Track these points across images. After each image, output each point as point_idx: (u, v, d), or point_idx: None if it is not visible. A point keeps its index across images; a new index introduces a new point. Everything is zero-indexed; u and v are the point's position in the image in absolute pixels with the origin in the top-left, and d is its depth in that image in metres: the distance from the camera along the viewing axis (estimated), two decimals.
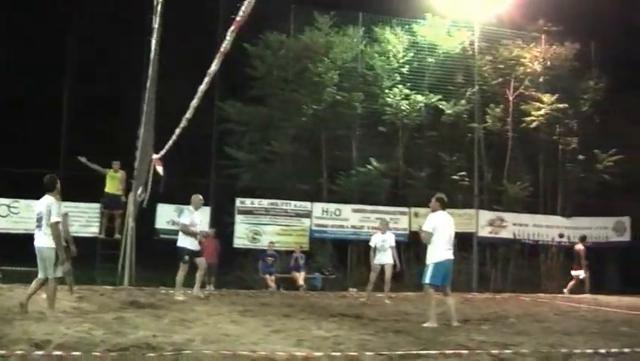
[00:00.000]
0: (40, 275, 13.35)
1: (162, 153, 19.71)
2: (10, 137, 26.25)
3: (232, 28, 9.46)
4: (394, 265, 19.30)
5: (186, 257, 17.66)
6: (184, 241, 17.65)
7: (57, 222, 13.18)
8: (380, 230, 19.30)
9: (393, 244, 19.04)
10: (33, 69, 25.90)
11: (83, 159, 21.51)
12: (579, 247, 25.64)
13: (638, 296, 23.61)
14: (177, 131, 16.62)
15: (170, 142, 18.20)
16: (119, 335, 10.16)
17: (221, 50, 10.23)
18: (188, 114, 14.24)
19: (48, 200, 13.44)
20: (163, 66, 19.26)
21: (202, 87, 12.02)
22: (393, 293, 20.54)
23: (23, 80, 25.85)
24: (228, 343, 9.63)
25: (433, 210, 13.85)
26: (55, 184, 13.82)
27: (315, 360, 8.41)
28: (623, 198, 29.13)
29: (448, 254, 13.41)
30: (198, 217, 18.06)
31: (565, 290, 24.79)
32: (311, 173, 27.35)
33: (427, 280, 13.35)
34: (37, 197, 23.58)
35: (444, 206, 13.90)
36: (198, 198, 18.38)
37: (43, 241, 13.22)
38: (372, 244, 19.15)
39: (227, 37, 9.68)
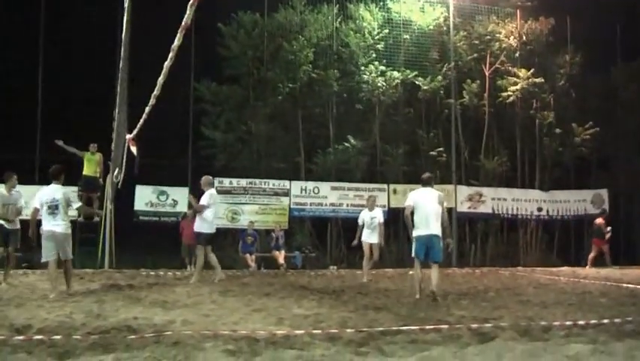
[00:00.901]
0: (55, 258, 13.82)
1: (135, 132, 19.59)
2: None
3: (191, 1, 9.45)
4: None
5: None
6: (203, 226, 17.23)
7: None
8: (368, 207, 18.89)
9: (382, 220, 18.65)
10: (6, 50, 25.71)
11: (59, 142, 21.36)
12: (599, 220, 25.65)
13: (616, 268, 23.88)
14: (147, 109, 16.49)
15: (141, 121, 18.06)
16: (100, 318, 10.16)
17: (182, 24, 10.20)
18: (156, 91, 14.15)
19: (62, 189, 14.13)
20: (135, 45, 19.17)
21: (167, 63, 11.97)
22: (373, 270, 20.60)
23: None
24: (209, 323, 9.65)
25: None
26: (62, 173, 14.48)
27: (295, 338, 8.42)
28: (599, 172, 29.36)
29: (428, 230, 13.65)
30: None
31: (587, 265, 24.78)
32: (288, 152, 27.33)
33: (412, 254, 13.96)
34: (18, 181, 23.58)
35: (429, 184, 14.41)
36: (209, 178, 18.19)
37: (62, 227, 13.82)
38: (360, 221, 18.71)
39: (187, 12, 9.66)
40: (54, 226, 13.71)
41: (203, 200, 17.12)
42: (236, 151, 26.70)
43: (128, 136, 19.96)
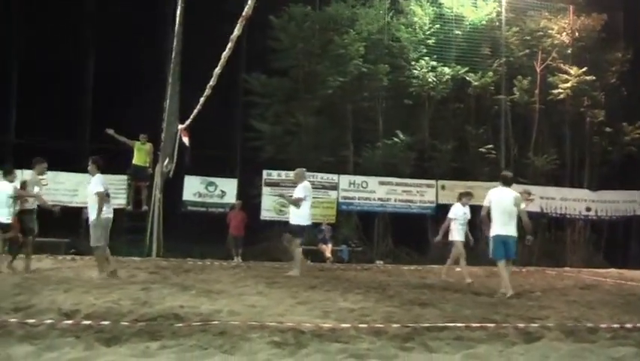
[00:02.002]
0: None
1: (187, 123, 19.70)
2: (37, 109, 26.42)
3: None
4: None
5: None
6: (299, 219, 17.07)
7: None
8: (461, 202, 18.12)
9: (469, 217, 18.06)
10: (59, 40, 25.98)
11: (110, 132, 21.58)
12: None
13: None
14: (201, 100, 16.55)
15: (195, 111, 18.14)
16: (147, 305, 10.27)
17: (243, 14, 10.17)
18: (212, 82, 14.20)
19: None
20: (188, 36, 19.29)
21: (225, 53, 11.97)
22: (420, 266, 20.57)
23: (51, 51, 25.96)
24: (255, 314, 9.70)
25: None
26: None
27: (341, 332, 8.44)
28: None
29: (505, 229, 14.12)
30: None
31: None
32: (336, 145, 27.29)
33: (490, 254, 14.34)
34: (64, 168, 23.91)
35: (507, 183, 14.65)
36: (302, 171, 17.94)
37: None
38: (451, 215, 17.95)
39: (249, 2, 9.64)
40: (110, 212, 14.14)
41: (299, 193, 17.04)
42: (285, 143, 26.71)
43: (180, 126, 20.10)
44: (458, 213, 17.71)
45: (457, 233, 17.60)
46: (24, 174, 23.70)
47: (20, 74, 26.15)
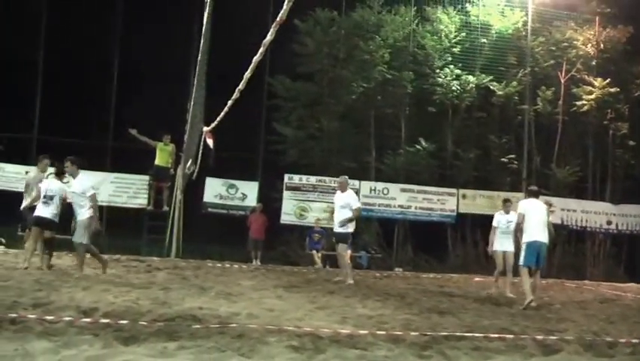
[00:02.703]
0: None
1: (213, 125, 19.71)
2: (61, 106, 26.55)
3: None
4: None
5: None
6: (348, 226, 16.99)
7: None
8: (503, 210, 17.57)
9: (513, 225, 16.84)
10: (82, 38, 26.10)
11: (133, 132, 21.66)
12: None
13: None
14: (229, 103, 16.51)
15: (222, 114, 18.13)
16: (166, 305, 10.29)
17: (277, 19, 10.09)
18: (241, 85, 14.16)
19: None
20: (214, 37, 19.32)
21: (256, 57, 11.93)
22: (439, 274, 20.54)
23: (75, 49, 26.09)
24: (273, 318, 9.71)
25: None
26: None
27: (359, 338, 8.43)
28: None
29: (540, 236, 14.00)
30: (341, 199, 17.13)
31: None
32: (358, 151, 27.28)
33: (520, 261, 14.20)
34: (86, 166, 23.99)
35: (534, 195, 14.94)
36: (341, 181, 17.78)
37: None
38: (495, 224, 17.43)
39: (285, 6, 9.57)
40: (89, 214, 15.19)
41: (355, 201, 17.21)
42: (307, 148, 26.73)
43: (205, 129, 20.13)
44: (501, 222, 17.28)
45: (497, 242, 17.25)
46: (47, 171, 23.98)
47: (44, 72, 26.26)
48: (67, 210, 15.98)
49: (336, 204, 17.10)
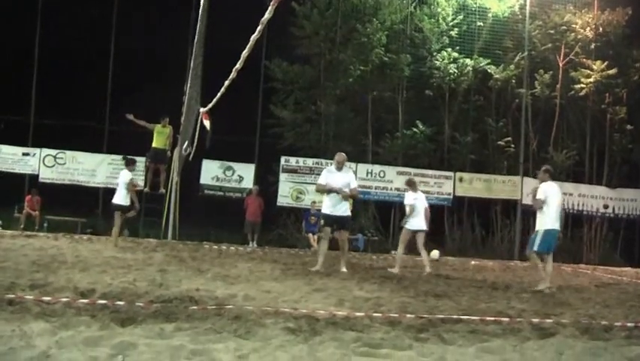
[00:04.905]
0: None
1: (210, 106, 19.63)
2: (58, 89, 26.52)
3: None
4: None
5: (327, 228, 15.70)
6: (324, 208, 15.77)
7: None
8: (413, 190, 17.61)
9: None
10: (80, 22, 26.06)
11: (130, 117, 21.59)
12: None
13: None
14: (226, 83, 16.35)
15: (219, 95, 18.01)
16: (163, 287, 10.33)
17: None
18: (238, 65, 14.03)
19: None
20: (210, 18, 19.24)
21: (254, 36, 11.83)
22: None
23: (71, 32, 26.03)
24: (270, 300, 9.74)
25: (541, 180, 14.57)
26: None
27: (355, 320, 8.45)
28: None
29: (557, 224, 14.16)
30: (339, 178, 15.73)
31: None
32: (356, 134, 27.28)
33: (534, 247, 14.14)
34: (83, 149, 24.05)
35: (552, 177, 14.66)
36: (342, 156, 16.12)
37: None
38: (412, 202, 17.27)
39: None
40: None
41: (353, 181, 15.97)
42: (304, 131, 26.75)
43: (201, 110, 20.07)
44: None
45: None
46: (43, 153, 24.01)
47: (40, 54, 26.22)
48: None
49: (335, 184, 15.40)
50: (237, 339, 7.13)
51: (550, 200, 14.07)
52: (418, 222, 17.01)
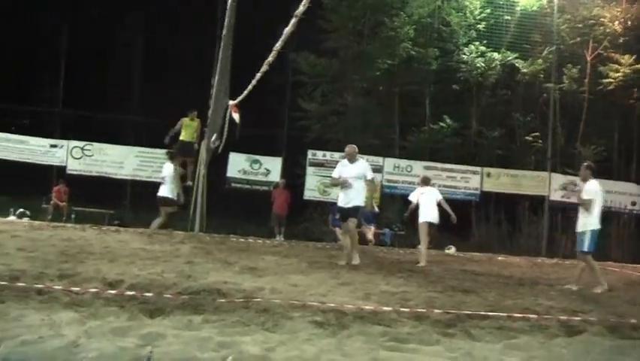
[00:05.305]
0: None
1: (239, 99, 19.64)
2: (87, 82, 26.69)
3: None
4: None
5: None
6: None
7: None
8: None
9: None
10: (106, 13, 26.19)
11: (167, 140, 21.68)
12: None
13: None
14: (257, 75, 16.32)
15: (250, 87, 18.01)
16: (190, 279, 10.34)
17: None
18: (271, 57, 14.00)
19: None
20: (239, 12, 19.27)
21: (287, 29, 11.79)
22: (462, 253, 20.50)
23: (98, 24, 26.18)
24: (297, 293, 9.73)
25: (584, 178, 14.17)
26: None
27: (383, 315, 8.44)
28: None
29: (600, 224, 13.86)
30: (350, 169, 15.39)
31: None
32: (382, 128, 27.26)
33: (585, 247, 13.85)
34: (110, 141, 24.19)
35: (594, 173, 14.26)
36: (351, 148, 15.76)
37: None
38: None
39: None
40: None
41: (368, 171, 15.38)
42: (331, 124, 26.78)
43: (230, 103, 20.09)
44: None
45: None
46: (70, 145, 24.16)
47: (68, 48, 26.36)
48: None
49: (349, 175, 15.13)
50: (265, 332, 7.16)
51: (600, 199, 13.88)
52: (429, 214, 17.24)
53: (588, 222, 13.74)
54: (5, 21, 25.61)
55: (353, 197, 15.04)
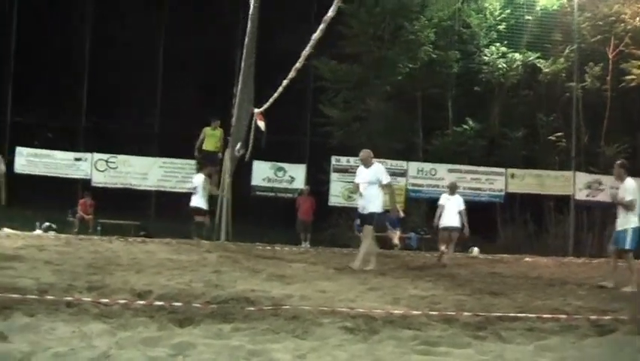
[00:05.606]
0: None
1: (265, 107, 19.64)
2: (109, 94, 26.83)
3: None
4: None
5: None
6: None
7: None
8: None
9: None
10: (127, 25, 26.30)
11: (197, 153, 21.84)
12: None
13: None
14: (284, 82, 16.25)
15: (276, 94, 17.95)
16: (218, 288, 10.34)
17: None
18: (298, 64, 13.95)
19: None
20: (261, 18, 19.29)
21: (316, 35, 11.79)
22: (489, 255, 20.46)
23: (119, 37, 26.32)
24: (326, 299, 9.71)
25: (619, 177, 14.10)
26: None
27: (412, 319, 8.42)
28: None
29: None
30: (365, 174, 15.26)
31: None
32: (405, 132, 27.25)
33: (627, 245, 13.77)
34: (134, 153, 24.31)
35: (628, 171, 14.13)
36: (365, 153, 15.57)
37: None
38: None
39: None
40: None
41: (383, 175, 15.03)
42: (354, 129, 26.78)
43: (256, 111, 20.11)
44: None
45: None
46: (95, 157, 24.33)
47: (91, 61, 26.46)
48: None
49: (363, 180, 15.04)
50: (295, 339, 7.13)
51: (636, 197, 13.80)
52: (447, 220, 17.92)
53: (629, 220, 13.68)
54: (29, 38, 25.78)
55: (367, 203, 14.90)
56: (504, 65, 26.85)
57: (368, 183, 14.85)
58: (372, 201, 14.80)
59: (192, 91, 27.10)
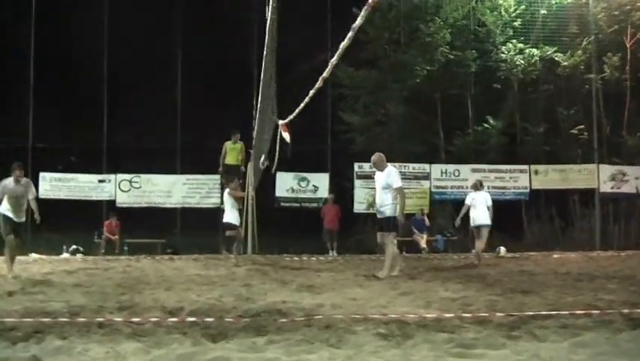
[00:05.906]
0: None
1: (290, 118, 19.60)
2: (129, 114, 26.94)
3: None
4: None
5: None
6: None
7: None
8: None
9: None
10: (144, 42, 26.37)
11: (221, 169, 21.93)
12: None
13: None
14: (311, 92, 16.15)
15: (302, 105, 17.84)
16: (249, 301, 10.37)
17: (369, 0, 9.51)
18: (326, 73, 13.90)
19: None
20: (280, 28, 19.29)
21: (344, 43, 11.73)
22: (517, 253, 20.39)
23: (137, 55, 26.41)
24: (358, 307, 9.72)
25: None
26: None
27: (446, 322, 8.41)
28: None
29: None
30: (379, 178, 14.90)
31: None
32: (426, 134, 27.20)
33: None
34: (158, 171, 24.39)
35: None
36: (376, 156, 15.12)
37: None
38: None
39: None
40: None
41: (393, 180, 14.46)
42: (375, 134, 26.77)
43: (280, 122, 20.12)
44: None
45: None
46: (118, 178, 24.43)
47: (109, 83, 26.48)
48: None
49: (377, 184, 14.80)
50: (330, 348, 7.14)
51: None
52: (475, 218, 18.02)
53: None
54: (47, 63, 25.91)
55: (382, 208, 14.54)
56: (522, 62, 26.75)
57: (382, 188, 14.57)
58: (387, 206, 14.43)
59: (212, 105, 27.13)
